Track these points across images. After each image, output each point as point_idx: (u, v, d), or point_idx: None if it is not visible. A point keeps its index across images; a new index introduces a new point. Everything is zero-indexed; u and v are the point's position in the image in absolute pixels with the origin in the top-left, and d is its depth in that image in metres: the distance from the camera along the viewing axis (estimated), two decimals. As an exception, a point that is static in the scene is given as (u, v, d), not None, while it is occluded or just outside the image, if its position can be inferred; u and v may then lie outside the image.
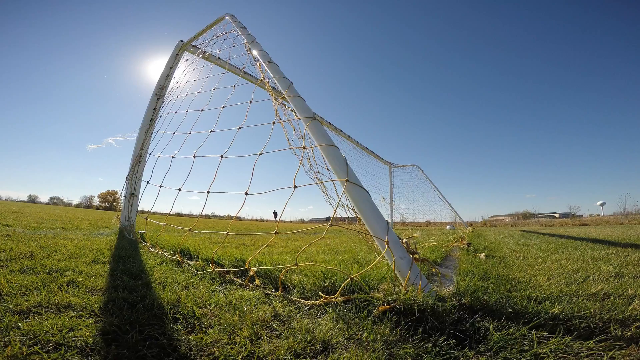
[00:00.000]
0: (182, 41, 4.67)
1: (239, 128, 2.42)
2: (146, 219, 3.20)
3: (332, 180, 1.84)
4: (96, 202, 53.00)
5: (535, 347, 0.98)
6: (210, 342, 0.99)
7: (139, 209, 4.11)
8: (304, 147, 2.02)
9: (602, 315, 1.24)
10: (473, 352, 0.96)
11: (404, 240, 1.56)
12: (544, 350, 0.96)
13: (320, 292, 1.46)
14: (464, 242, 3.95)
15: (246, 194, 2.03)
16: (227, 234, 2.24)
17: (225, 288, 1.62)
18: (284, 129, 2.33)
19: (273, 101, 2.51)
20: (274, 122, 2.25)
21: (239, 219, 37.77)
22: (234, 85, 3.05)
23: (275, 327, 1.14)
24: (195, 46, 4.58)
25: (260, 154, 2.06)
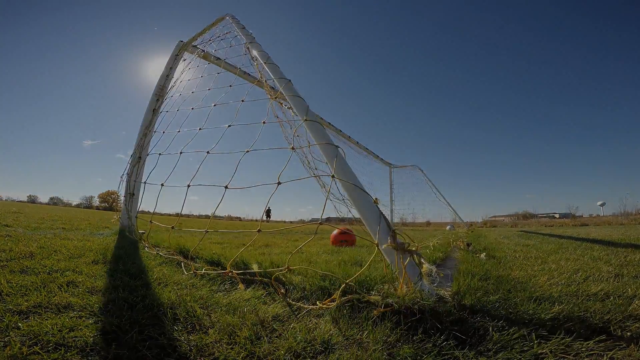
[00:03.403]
0: (182, 41, 4.67)
1: (228, 126, 2.45)
2: (141, 209, 3.20)
3: (329, 176, 1.83)
4: (96, 202, 52.86)
5: (535, 347, 0.98)
6: (211, 342, 0.99)
7: (139, 209, 4.11)
8: (292, 148, 2.02)
9: (602, 315, 1.24)
10: (473, 352, 0.96)
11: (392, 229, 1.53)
12: (544, 351, 0.96)
13: (318, 297, 1.46)
14: (464, 242, 3.96)
15: (226, 187, 2.06)
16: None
17: (225, 288, 1.62)
18: (282, 128, 2.34)
19: (271, 100, 2.52)
20: (278, 119, 2.26)
21: (239, 219, 37.70)
22: (231, 86, 3.06)
23: (275, 327, 1.14)
24: (196, 46, 4.58)
25: (247, 151, 2.09)
